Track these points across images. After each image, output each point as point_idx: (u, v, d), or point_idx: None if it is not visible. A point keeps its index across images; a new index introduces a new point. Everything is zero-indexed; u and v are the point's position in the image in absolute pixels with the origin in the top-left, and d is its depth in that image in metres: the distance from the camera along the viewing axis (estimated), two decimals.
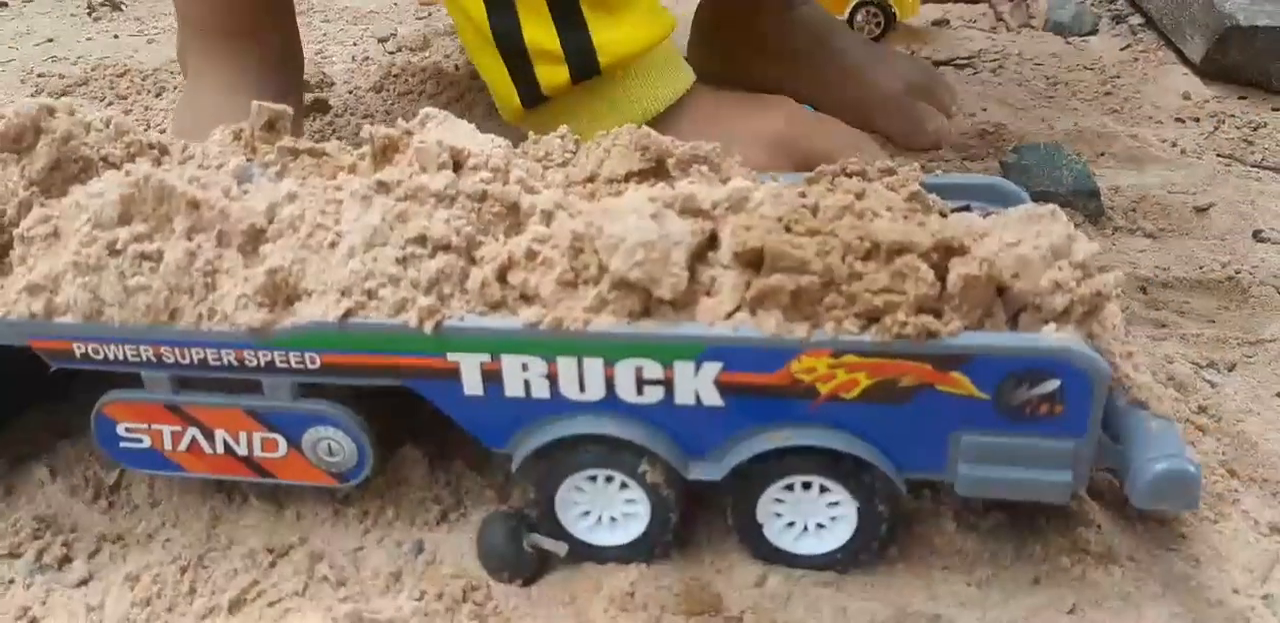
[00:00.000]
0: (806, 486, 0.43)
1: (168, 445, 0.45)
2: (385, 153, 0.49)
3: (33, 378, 0.49)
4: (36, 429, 0.53)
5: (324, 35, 1.19)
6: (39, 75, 1.08)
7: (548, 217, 0.44)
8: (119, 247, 0.42)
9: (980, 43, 1.17)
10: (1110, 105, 0.97)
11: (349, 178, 0.45)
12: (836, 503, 0.43)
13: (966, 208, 0.50)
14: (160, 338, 0.43)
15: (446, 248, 0.42)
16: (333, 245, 0.43)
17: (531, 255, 0.42)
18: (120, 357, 0.43)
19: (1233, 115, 0.94)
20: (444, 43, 1.12)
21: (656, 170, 0.49)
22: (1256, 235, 0.72)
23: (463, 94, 0.96)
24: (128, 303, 0.42)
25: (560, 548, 0.44)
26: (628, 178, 0.49)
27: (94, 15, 1.30)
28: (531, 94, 0.63)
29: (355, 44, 1.15)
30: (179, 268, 0.42)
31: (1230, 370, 0.57)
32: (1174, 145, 0.88)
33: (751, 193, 0.44)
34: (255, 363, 0.43)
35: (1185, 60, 1.07)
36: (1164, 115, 0.96)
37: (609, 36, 0.61)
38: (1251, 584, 0.43)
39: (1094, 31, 1.21)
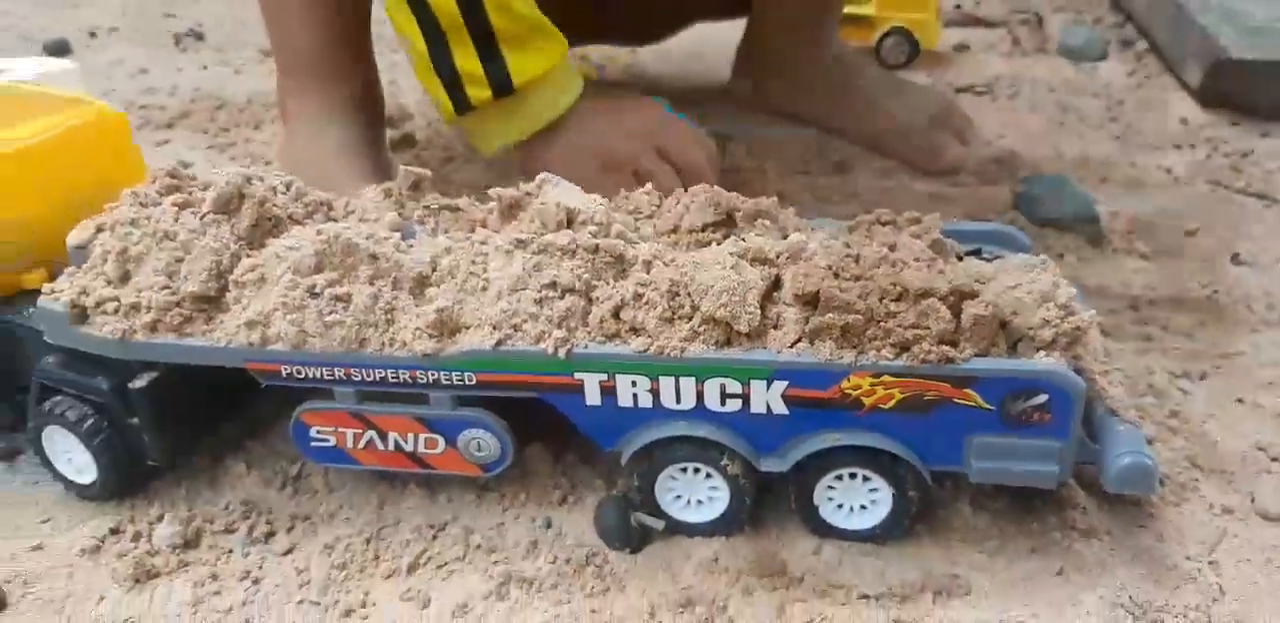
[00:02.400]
0: (853, 476, 0.54)
1: (349, 444, 0.58)
2: (510, 210, 0.61)
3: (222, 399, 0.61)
4: (227, 434, 0.65)
5: (393, 65, 1.27)
6: (141, 107, 1.15)
7: (647, 265, 0.55)
8: (317, 290, 0.54)
9: (997, 67, 1.27)
10: (1114, 132, 1.08)
11: (491, 234, 0.57)
12: (876, 489, 0.55)
13: (978, 250, 0.61)
14: (350, 361, 0.55)
15: (571, 291, 0.54)
16: (484, 289, 0.55)
17: (638, 297, 0.54)
18: (318, 376, 0.56)
19: (1225, 141, 1.05)
20: None
21: (727, 222, 0.61)
22: (1235, 258, 0.83)
23: None
24: (326, 334, 0.54)
25: (659, 524, 0.56)
26: (704, 228, 0.61)
27: (180, 45, 1.37)
28: (463, 105, 0.78)
29: None
30: (365, 307, 0.54)
31: (1201, 379, 0.69)
32: (1169, 172, 0.99)
33: (806, 245, 0.56)
34: (425, 381, 0.55)
35: (1185, 86, 1.17)
36: (1163, 141, 1.06)
37: (520, 64, 0.77)
38: (1201, 553, 0.55)
39: (1104, 56, 1.30)
